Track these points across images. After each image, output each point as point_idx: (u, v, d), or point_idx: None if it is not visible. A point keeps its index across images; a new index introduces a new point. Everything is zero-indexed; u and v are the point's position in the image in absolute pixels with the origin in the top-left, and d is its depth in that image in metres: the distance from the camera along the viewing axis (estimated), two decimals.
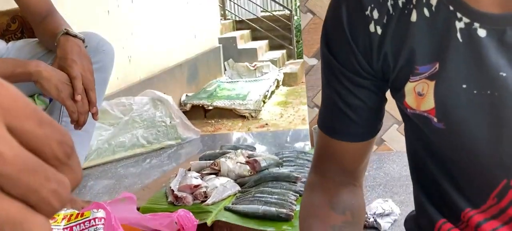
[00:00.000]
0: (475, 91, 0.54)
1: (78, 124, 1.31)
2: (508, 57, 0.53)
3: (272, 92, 5.40)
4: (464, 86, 0.54)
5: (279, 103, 5.19)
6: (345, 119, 0.65)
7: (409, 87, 0.59)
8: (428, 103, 0.57)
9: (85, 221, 1.15)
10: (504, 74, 0.53)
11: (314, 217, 0.65)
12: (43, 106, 1.59)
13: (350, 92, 0.63)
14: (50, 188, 0.23)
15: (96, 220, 1.16)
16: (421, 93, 0.58)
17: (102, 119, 2.25)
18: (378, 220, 1.38)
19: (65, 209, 1.25)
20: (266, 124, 4.47)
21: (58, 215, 1.18)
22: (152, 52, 4.28)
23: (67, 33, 1.36)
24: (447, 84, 0.55)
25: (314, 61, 2.02)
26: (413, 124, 0.62)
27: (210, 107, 4.79)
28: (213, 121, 4.69)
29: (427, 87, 0.57)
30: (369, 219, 1.38)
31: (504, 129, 0.54)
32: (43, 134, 0.24)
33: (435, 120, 0.57)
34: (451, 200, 0.61)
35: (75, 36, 1.37)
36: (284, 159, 1.68)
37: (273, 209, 1.33)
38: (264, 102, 5.02)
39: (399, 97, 0.61)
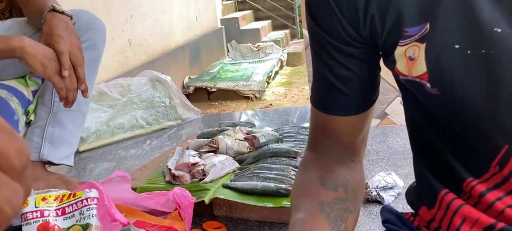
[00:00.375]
0: (469, 51, 0.50)
1: (67, 101, 1.27)
2: (503, 9, 0.49)
3: (276, 72, 5.35)
4: (457, 46, 0.51)
5: (283, 84, 5.14)
6: (337, 92, 0.62)
7: (399, 52, 0.55)
8: (420, 68, 0.53)
9: (78, 201, 1.12)
10: (499, 30, 0.49)
11: (304, 195, 0.62)
12: (36, 87, 1.56)
13: (339, 63, 0.60)
14: (4, 195, 0.24)
15: (89, 200, 1.13)
16: (412, 58, 0.54)
17: (100, 101, 2.22)
18: (381, 193, 1.34)
19: (57, 189, 1.22)
20: (270, 104, 4.43)
21: (50, 196, 1.15)
22: (152, 35, 4.24)
23: (54, 9, 1.32)
24: (438, 46, 0.52)
25: None
26: (408, 92, 0.59)
27: (214, 90, 4.76)
28: (216, 103, 4.65)
29: (418, 51, 0.53)
30: (371, 192, 1.34)
31: (502, 90, 0.50)
32: (1, 143, 0.24)
33: (429, 85, 0.53)
34: (452, 170, 0.58)
35: (62, 12, 1.33)
36: (284, 134, 1.63)
37: (272, 184, 1.29)
38: (268, 83, 4.97)
39: (389, 64, 0.57)
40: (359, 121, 0.65)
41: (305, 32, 2.00)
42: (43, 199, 1.15)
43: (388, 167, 1.59)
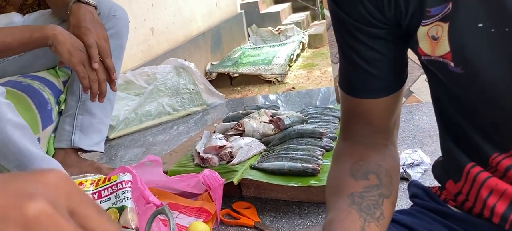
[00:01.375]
0: (493, 30, 0.50)
1: (92, 93, 1.30)
2: None
3: (298, 55, 5.33)
4: (480, 25, 0.51)
5: (305, 66, 5.13)
6: (365, 75, 0.61)
7: (421, 32, 0.55)
8: (443, 48, 0.54)
9: (113, 185, 1.17)
10: None
11: (334, 192, 0.61)
12: (66, 77, 1.61)
13: (366, 45, 0.60)
14: None
15: (123, 183, 1.17)
16: (435, 38, 0.54)
17: (127, 89, 2.27)
18: (408, 170, 1.34)
19: (93, 175, 1.27)
20: (293, 87, 4.43)
21: (86, 181, 1.20)
22: (174, 23, 4.28)
23: (79, 0, 1.36)
24: (462, 25, 0.52)
25: None
26: (431, 71, 0.59)
27: (236, 75, 4.78)
28: (239, 88, 4.68)
29: (441, 30, 0.53)
30: None
31: None
32: (101, 220, 0.27)
33: (452, 64, 0.54)
34: (478, 146, 0.58)
35: (86, 3, 1.37)
36: (309, 115, 1.65)
37: (299, 164, 1.32)
38: (289, 66, 4.97)
39: (412, 44, 0.58)
40: (390, 103, 0.64)
41: (327, 13, 1.99)
42: (80, 184, 1.21)
43: (415, 144, 1.59)
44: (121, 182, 1.17)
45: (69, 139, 1.49)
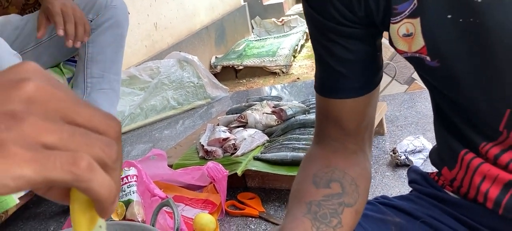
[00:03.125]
0: (460, 20, 0.51)
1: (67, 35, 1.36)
2: None
3: (302, 46, 5.32)
4: (449, 16, 0.51)
5: (309, 56, 5.12)
6: (335, 74, 0.61)
7: (392, 30, 0.55)
8: (418, 43, 0.54)
9: None
10: (479, 0, 0.49)
11: (295, 196, 0.60)
12: (70, 75, 1.63)
13: (337, 44, 0.59)
14: (103, 114, 0.29)
15: (128, 177, 1.20)
16: (407, 35, 0.55)
17: (132, 85, 2.29)
18: (410, 157, 1.36)
19: None
20: (298, 78, 4.43)
21: None
22: (177, 17, 4.29)
23: None
24: (432, 17, 0.52)
25: None
26: (415, 68, 0.60)
27: (241, 67, 4.78)
28: (244, 80, 4.69)
29: (413, 27, 0.54)
30: (400, 156, 1.36)
31: (494, 59, 0.51)
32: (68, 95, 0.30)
33: (428, 58, 0.54)
34: (467, 135, 0.59)
35: None
36: (311, 105, 1.66)
37: (301, 154, 1.33)
38: (294, 57, 4.96)
39: (391, 42, 0.58)
40: (360, 105, 0.63)
41: None
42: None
43: (417, 131, 1.60)
44: (126, 176, 1.19)
45: None
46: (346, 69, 0.60)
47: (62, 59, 1.65)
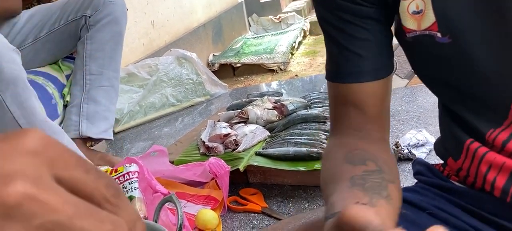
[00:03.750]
0: None
1: None
2: None
3: (300, 43, 5.31)
4: None
5: (307, 53, 5.11)
6: (352, 57, 0.59)
7: (402, 7, 0.55)
8: (429, 19, 0.53)
9: (119, 176, 1.18)
10: None
11: (331, 182, 0.56)
12: (69, 71, 1.62)
13: (353, 24, 0.58)
14: (106, 229, 0.23)
15: (130, 173, 1.18)
16: (416, 12, 0.54)
17: (130, 82, 2.28)
18: (413, 151, 1.35)
19: (100, 166, 1.28)
20: (296, 75, 4.42)
21: None
22: (174, 15, 4.27)
23: None
24: None
25: None
26: (418, 49, 0.58)
27: (238, 65, 4.77)
28: (242, 78, 4.68)
29: (423, 3, 0.53)
30: (403, 150, 1.35)
31: (505, 28, 0.50)
32: (91, 179, 0.24)
33: (439, 35, 0.53)
34: (473, 124, 0.58)
35: None
36: (312, 101, 1.65)
37: (303, 149, 1.32)
38: (292, 54, 4.95)
39: (397, 23, 0.57)
40: (382, 89, 0.61)
41: None
42: None
43: (419, 125, 1.59)
44: (128, 173, 1.18)
45: (77, 129, 1.50)
46: (365, 50, 0.59)
47: (61, 56, 1.64)
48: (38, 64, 1.57)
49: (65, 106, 1.55)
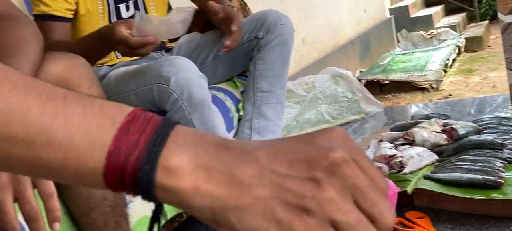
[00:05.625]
0: None
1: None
2: None
3: (454, 60, 5.01)
4: None
5: (462, 71, 4.80)
6: None
7: None
8: None
9: None
10: None
11: None
12: (243, 88, 1.78)
13: None
14: (385, 205, 0.32)
15: None
16: None
17: (288, 98, 2.40)
18: None
19: None
20: (450, 95, 4.18)
21: None
22: (323, 32, 4.36)
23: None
24: None
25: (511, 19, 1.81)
26: None
27: (386, 82, 4.67)
28: (390, 95, 4.57)
29: None
30: None
31: None
32: (371, 167, 0.34)
33: None
34: None
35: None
36: (484, 126, 1.56)
37: (479, 176, 1.26)
38: (445, 71, 4.69)
39: None
40: None
41: (503, 17, 1.86)
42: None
43: None
44: None
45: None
46: None
47: (236, 73, 1.80)
48: (216, 80, 1.76)
49: (239, 119, 1.71)
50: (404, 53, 5.35)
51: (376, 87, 4.69)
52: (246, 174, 0.31)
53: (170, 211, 1.38)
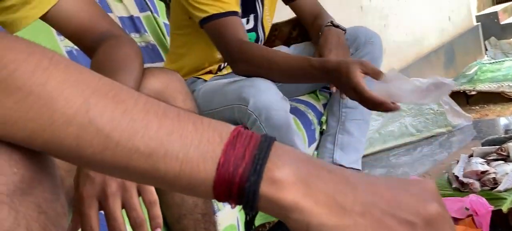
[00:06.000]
0: None
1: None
2: None
3: None
4: None
5: None
6: None
7: None
8: None
9: None
10: None
11: None
12: (325, 101, 1.78)
13: None
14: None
15: None
16: None
17: None
18: None
19: None
20: None
21: None
22: (405, 41, 4.25)
23: (331, 24, 1.52)
24: None
25: None
26: None
27: (473, 93, 4.43)
28: (477, 107, 4.32)
29: None
30: None
31: None
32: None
33: None
34: None
35: (337, 26, 1.52)
36: None
37: None
38: None
39: None
40: None
41: None
42: None
43: None
44: None
45: (331, 156, 1.64)
46: None
47: (318, 87, 1.82)
48: (300, 93, 1.78)
49: (321, 133, 1.72)
50: (493, 62, 5.04)
51: (462, 99, 4.46)
52: (347, 199, 0.33)
53: (256, 220, 1.42)
